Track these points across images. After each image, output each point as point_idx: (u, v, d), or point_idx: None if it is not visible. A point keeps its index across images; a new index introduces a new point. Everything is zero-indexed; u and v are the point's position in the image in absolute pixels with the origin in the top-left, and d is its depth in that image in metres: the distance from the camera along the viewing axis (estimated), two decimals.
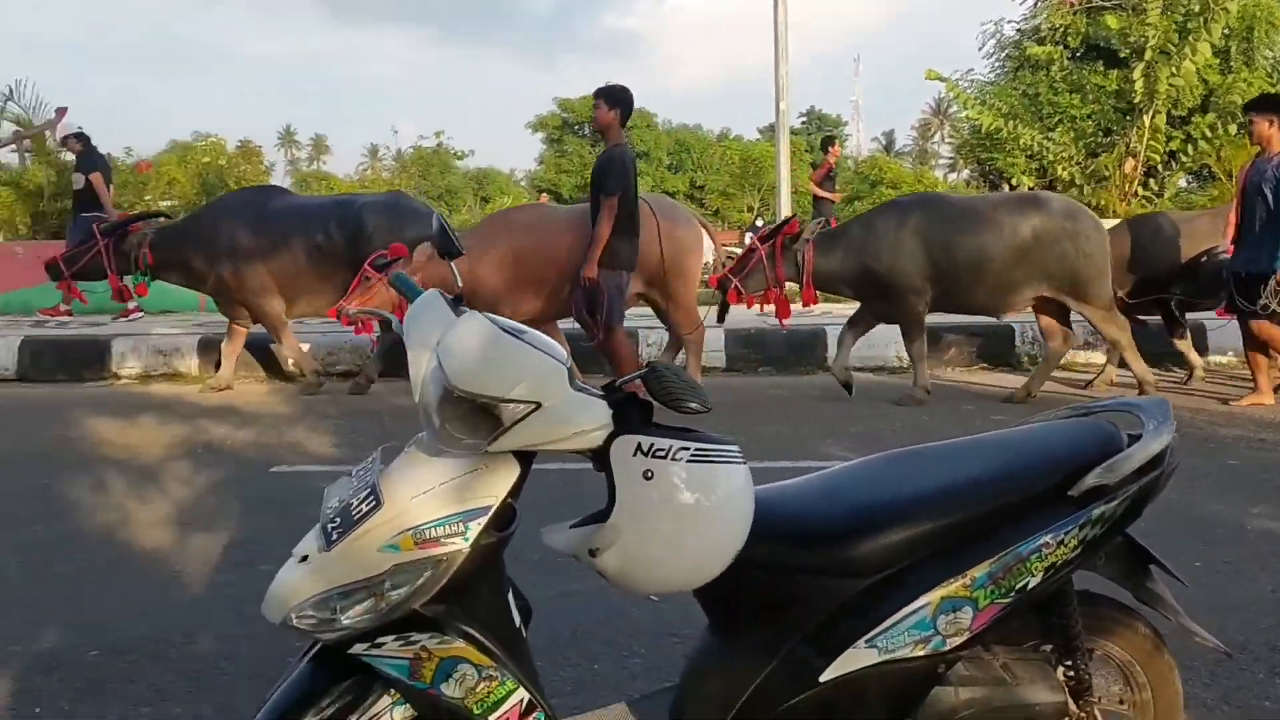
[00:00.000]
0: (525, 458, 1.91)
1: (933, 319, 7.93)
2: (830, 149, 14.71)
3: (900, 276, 7.47)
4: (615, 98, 7.27)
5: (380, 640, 1.85)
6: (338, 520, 1.90)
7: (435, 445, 1.92)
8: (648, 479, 1.85)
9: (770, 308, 7.83)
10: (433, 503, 1.85)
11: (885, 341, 8.98)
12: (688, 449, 1.86)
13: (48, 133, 13.17)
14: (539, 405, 1.83)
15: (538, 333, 1.95)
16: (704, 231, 8.25)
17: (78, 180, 11.56)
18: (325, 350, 9.39)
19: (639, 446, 1.85)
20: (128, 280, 8.79)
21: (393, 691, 1.90)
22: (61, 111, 12.15)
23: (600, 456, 1.88)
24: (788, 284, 7.72)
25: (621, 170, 7.07)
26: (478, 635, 1.89)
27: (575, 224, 7.47)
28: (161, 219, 9.64)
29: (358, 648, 1.86)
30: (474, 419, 1.87)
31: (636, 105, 7.52)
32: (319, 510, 4.91)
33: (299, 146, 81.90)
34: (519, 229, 7.78)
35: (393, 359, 8.13)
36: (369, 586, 1.83)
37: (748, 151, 34.09)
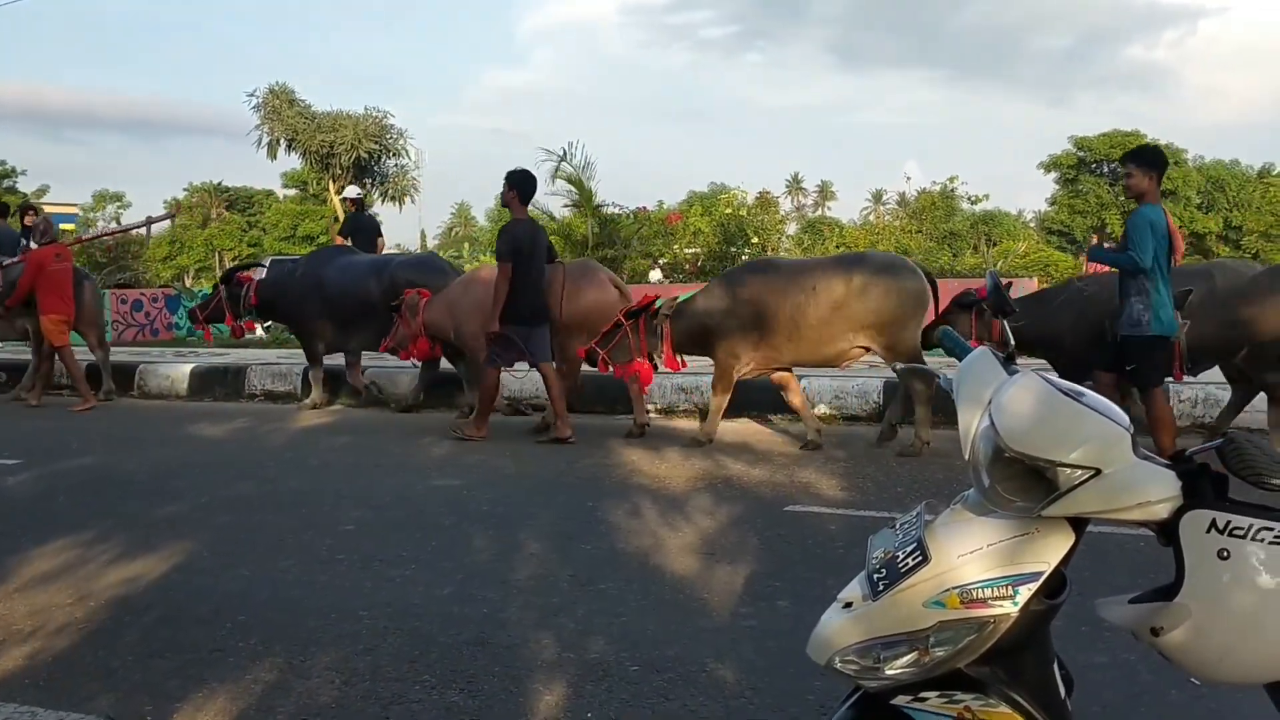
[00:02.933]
0: (1079, 524, 1.85)
1: None
2: None
3: (721, 336, 8.16)
4: (514, 180, 8.73)
5: (923, 695, 1.87)
6: (883, 571, 1.93)
7: (983, 505, 1.91)
8: (1223, 559, 1.72)
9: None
10: (981, 563, 1.84)
11: None
12: (1271, 529, 1.71)
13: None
14: (1099, 471, 1.77)
15: (1098, 395, 1.88)
16: (618, 294, 9.07)
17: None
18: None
19: (1213, 523, 1.72)
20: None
21: None
22: (175, 209, 14.78)
23: (1166, 530, 1.77)
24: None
25: (510, 242, 8.49)
26: (1023, 702, 1.85)
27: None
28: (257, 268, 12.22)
29: (900, 699, 1.89)
30: (1026, 481, 1.84)
31: (1163, 140, 7.45)
32: (831, 552, 5.03)
33: (805, 193, 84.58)
34: (472, 282, 9.49)
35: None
36: (912, 640, 1.85)
37: None
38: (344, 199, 13.12)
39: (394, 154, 22.61)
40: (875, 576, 1.94)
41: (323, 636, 4.08)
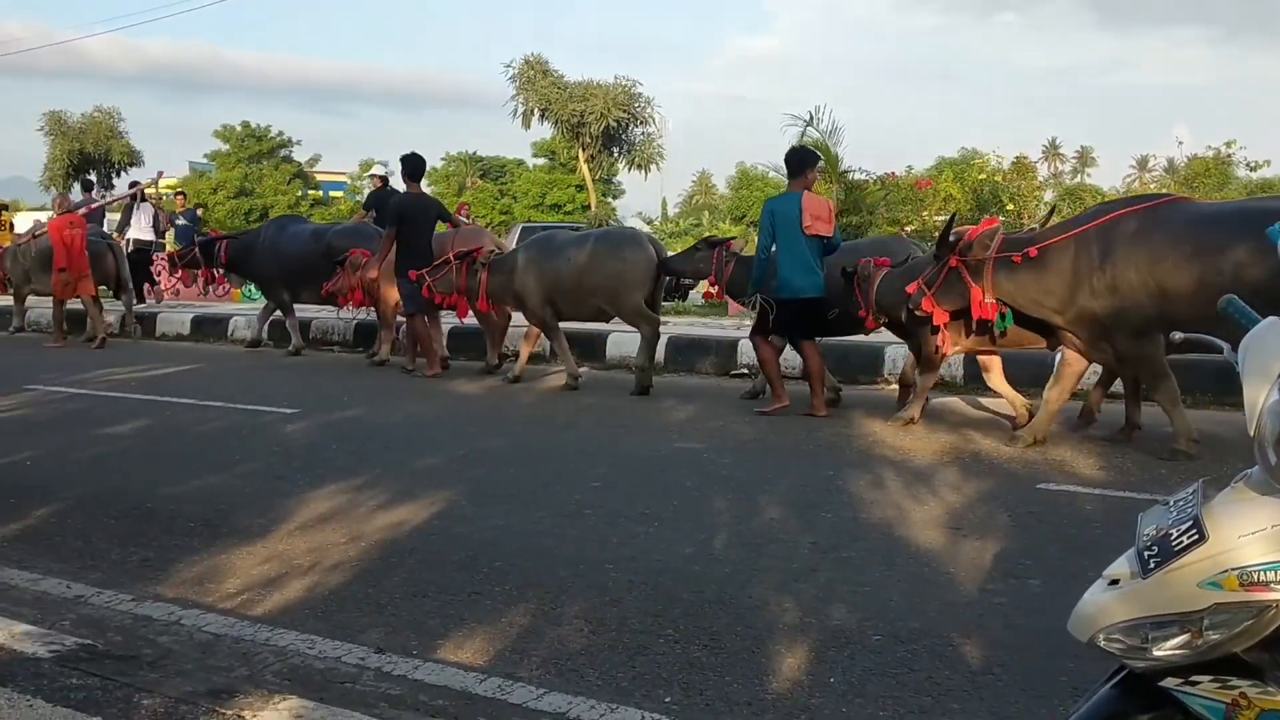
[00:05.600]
0: None
1: None
2: None
3: (524, 292, 9.86)
4: (403, 162, 11.06)
5: (1194, 678, 1.79)
6: (1155, 549, 1.85)
7: (1269, 484, 1.80)
8: None
9: None
10: (1264, 544, 1.74)
11: None
12: None
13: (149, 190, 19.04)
14: None
15: None
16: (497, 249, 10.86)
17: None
18: None
19: None
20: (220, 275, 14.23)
21: None
22: (160, 174, 19.57)
23: None
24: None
25: (397, 211, 10.67)
26: None
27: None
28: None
29: (1169, 681, 1.82)
30: None
31: None
32: (1088, 533, 4.84)
33: (1063, 159, 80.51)
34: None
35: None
36: (1184, 621, 1.78)
37: None
38: (371, 175, 14.42)
39: (641, 122, 22.90)
40: (1146, 554, 1.87)
41: (572, 586, 4.24)
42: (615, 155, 24.15)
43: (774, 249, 8.31)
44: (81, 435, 7.44)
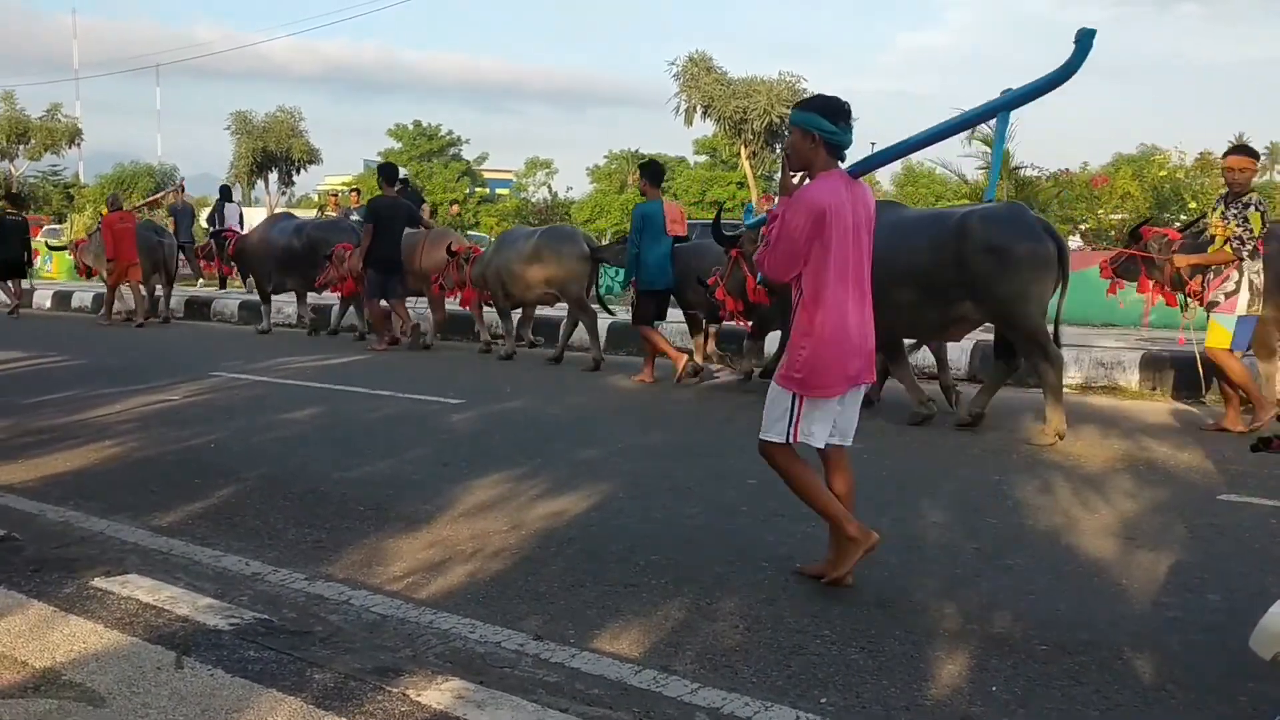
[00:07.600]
0: None
1: None
2: None
3: (491, 280, 11.67)
4: (378, 169, 13.74)
5: None
6: None
7: None
8: None
9: None
10: None
11: None
12: None
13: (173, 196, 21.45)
14: None
15: None
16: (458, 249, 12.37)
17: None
18: None
19: None
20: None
21: None
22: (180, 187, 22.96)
23: None
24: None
25: (371, 211, 12.57)
26: None
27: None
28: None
29: None
30: None
31: None
32: (1274, 548, 4.59)
33: None
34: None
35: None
36: None
37: None
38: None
39: None
40: None
41: (727, 583, 4.24)
42: (778, 152, 23.91)
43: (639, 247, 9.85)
44: (261, 420, 7.82)
